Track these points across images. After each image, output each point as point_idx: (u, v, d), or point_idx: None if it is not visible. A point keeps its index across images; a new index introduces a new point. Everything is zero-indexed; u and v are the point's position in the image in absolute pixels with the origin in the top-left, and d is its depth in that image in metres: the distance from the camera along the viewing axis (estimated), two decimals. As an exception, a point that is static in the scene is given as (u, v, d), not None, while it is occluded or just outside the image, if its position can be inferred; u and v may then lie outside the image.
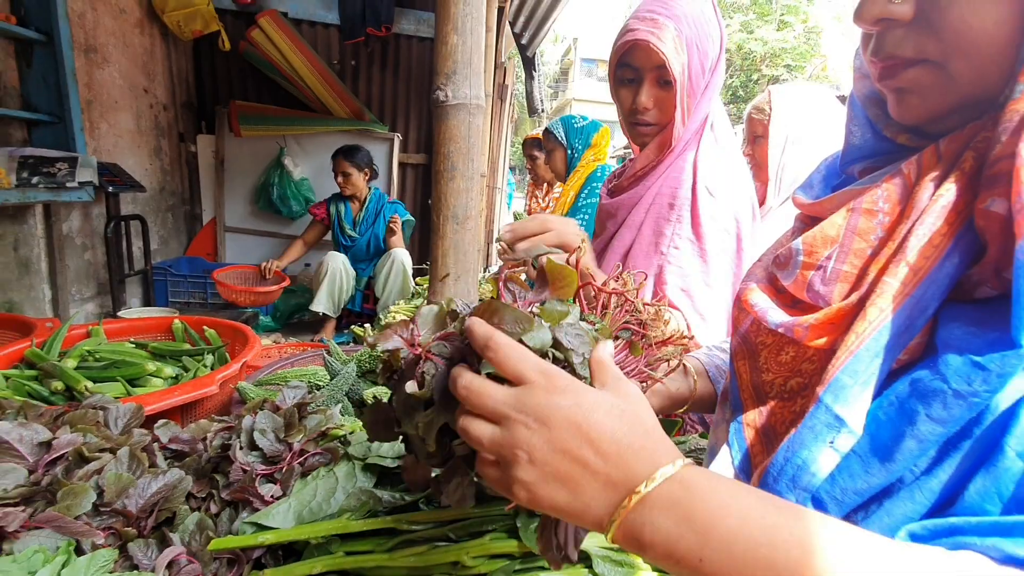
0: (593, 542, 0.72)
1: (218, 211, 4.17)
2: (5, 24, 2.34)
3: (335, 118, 4.10)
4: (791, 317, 0.44)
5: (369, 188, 3.52)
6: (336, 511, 0.76)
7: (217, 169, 4.11)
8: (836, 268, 0.42)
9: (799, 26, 18.46)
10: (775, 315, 0.46)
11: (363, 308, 3.55)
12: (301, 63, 3.84)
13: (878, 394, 0.38)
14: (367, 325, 2.88)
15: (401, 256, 3.30)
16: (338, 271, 3.33)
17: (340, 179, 3.40)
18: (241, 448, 0.81)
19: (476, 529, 0.72)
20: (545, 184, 3.75)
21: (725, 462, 0.48)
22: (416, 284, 3.37)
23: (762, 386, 0.47)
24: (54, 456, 0.77)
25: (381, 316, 2.67)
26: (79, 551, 0.68)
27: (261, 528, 0.72)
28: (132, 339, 1.61)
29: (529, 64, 5.14)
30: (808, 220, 0.49)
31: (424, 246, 4.67)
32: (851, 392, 0.38)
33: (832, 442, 0.38)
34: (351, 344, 2.71)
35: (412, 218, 3.66)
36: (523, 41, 4.98)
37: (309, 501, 0.77)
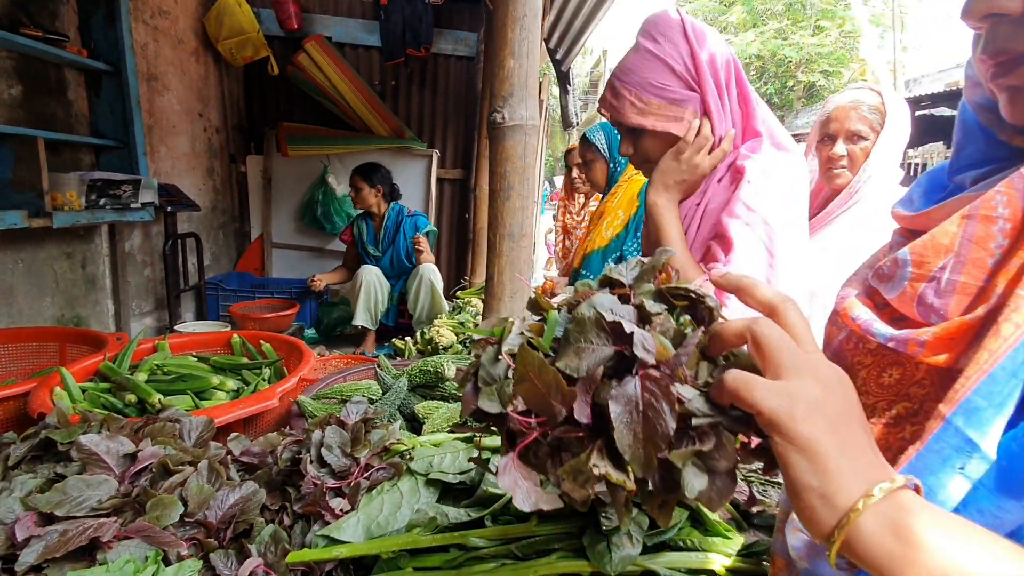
0: (661, 560, 0.71)
1: (265, 228, 4.33)
2: (77, 57, 2.51)
3: (376, 136, 4.22)
4: (902, 331, 0.41)
5: (388, 205, 3.57)
6: (403, 526, 0.78)
7: (265, 188, 4.27)
8: (952, 279, 0.40)
9: (835, 31, 18.00)
10: (882, 328, 0.43)
11: (398, 323, 3.61)
12: (344, 84, 3.97)
13: (1012, 423, 0.36)
14: (408, 339, 2.93)
15: (429, 272, 3.34)
16: (372, 284, 3.40)
17: (352, 192, 3.52)
18: (312, 462, 0.83)
19: (543, 547, 0.72)
20: (581, 197, 3.74)
21: None
22: (457, 298, 3.40)
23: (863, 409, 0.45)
24: (139, 467, 0.81)
25: (425, 331, 2.71)
26: (165, 561, 0.71)
27: (333, 541, 0.74)
28: (194, 353, 1.68)
29: (564, 79, 5.18)
30: (908, 234, 0.47)
31: (461, 259, 4.72)
32: (984, 414, 0.35)
33: (962, 468, 0.36)
34: (396, 359, 2.76)
35: (434, 228, 3.70)
36: (557, 57, 5.02)
37: (376, 515, 0.79)
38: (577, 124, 5.57)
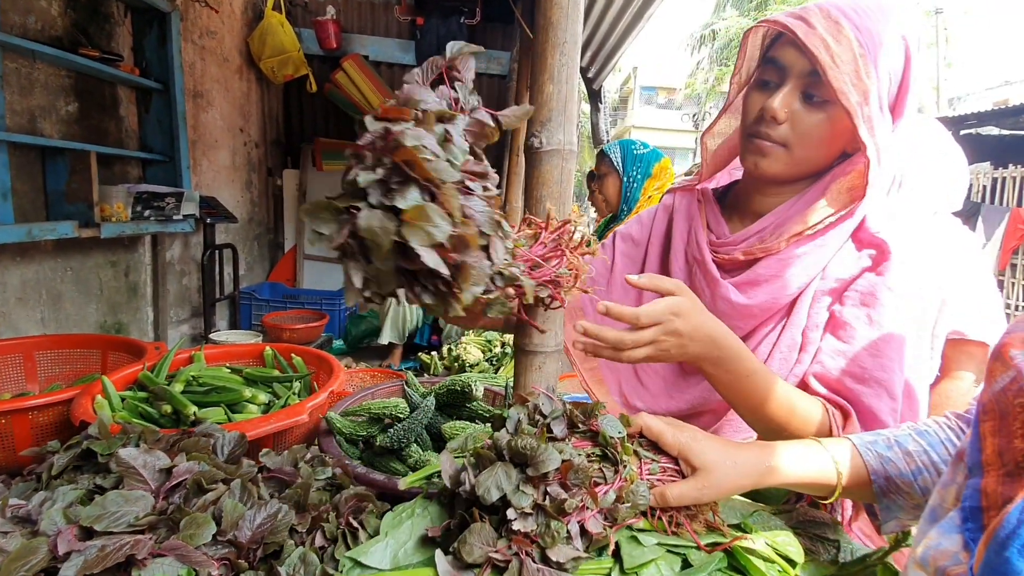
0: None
1: (299, 240, 4.44)
2: (130, 76, 2.63)
3: (408, 152, 4.30)
4: None
5: None
6: (428, 558, 0.77)
7: (299, 201, 4.38)
8: None
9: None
10: None
11: (430, 341, 3.62)
12: (379, 101, 4.06)
13: None
14: (434, 353, 2.94)
15: None
16: (403, 303, 3.42)
17: None
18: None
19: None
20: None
21: (952, 524, 0.44)
22: (483, 314, 3.40)
23: (1009, 452, 0.42)
24: (174, 483, 0.82)
25: (452, 347, 2.71)
26: (196, 579, 0.71)
27: (360, 565, 0.73)
28: (228, 364, 1.72)
29: (595, 97, 5.20)
30: None
31: (488, 275, 4.73)
32: None
33: None
34: (423, 374, 2.77)
35: None
36: (589, 75, 5.05)
37: (405, 542, 0.78)
38: (607, 142, 5.57)
